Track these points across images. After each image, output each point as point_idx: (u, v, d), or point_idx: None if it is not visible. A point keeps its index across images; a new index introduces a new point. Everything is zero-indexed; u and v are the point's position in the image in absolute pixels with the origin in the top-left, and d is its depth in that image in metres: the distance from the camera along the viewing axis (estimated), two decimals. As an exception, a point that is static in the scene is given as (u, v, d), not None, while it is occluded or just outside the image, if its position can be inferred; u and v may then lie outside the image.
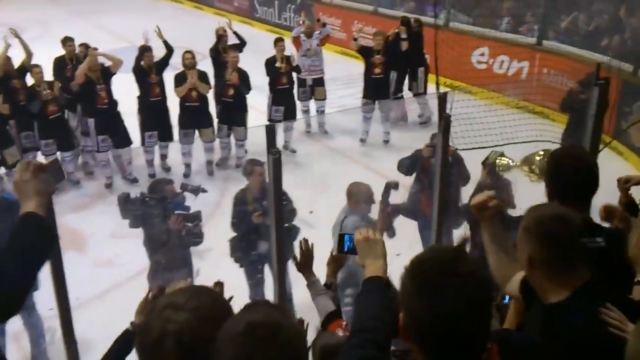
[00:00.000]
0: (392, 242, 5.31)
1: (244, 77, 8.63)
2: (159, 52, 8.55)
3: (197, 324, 1.50)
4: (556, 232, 1.95)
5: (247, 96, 8.77)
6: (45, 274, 3.23)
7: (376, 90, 9.55)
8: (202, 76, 8.49)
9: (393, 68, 9.84)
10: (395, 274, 1.65)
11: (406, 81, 10.26)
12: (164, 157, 8.84)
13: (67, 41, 8.84)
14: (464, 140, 4.95)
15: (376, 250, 2.04)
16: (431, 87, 10.00)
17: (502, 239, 2.35)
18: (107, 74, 8.16)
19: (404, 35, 9.80)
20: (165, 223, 5.36)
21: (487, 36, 11.83)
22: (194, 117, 8.49)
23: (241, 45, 9.38)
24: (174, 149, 8.68)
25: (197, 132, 8.62)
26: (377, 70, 9.50)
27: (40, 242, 1.93)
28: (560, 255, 1.94)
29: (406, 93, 10.34)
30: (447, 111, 4.16)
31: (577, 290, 1.93)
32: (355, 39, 9.73)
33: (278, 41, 9.19)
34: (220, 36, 9.30)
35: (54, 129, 8.09)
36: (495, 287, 2.45)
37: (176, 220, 5.33)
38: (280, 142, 9.07)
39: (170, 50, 8.54)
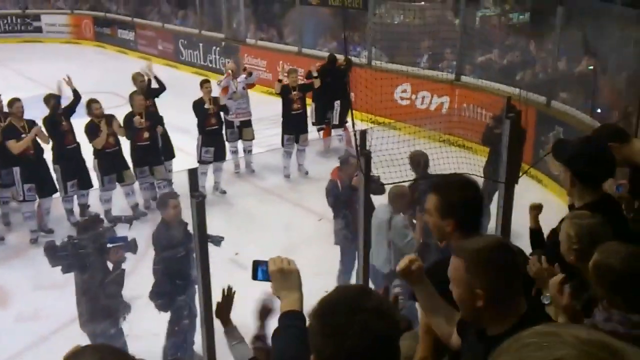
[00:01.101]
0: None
1: (157, 120, 8.65)
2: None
3: None
4: (503, 261, 1.92)
5: (172, 139, 8.71)
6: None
7: (296, 125, 9.85)
8: (115, 121, 8.34)
9: (315, 100, 10.42)
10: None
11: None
12: (85, 206, 8.48)
13: None
14: (384, 175, 5.06)
15: (291, 281, 2.00)
16: (360, 125, 10.22)
17: (435, 297, 2.32)
18: (32, 123, 7.93)
19: (314, 74, 10.21)
20: (102, 260, 5.16)
21: (409, 73, 12.14)
22: (114, 161, 8.38)
23: (160, 90, 9.29)
24: (92, 196, 8.44)
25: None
26: (296, 106, 9.83)
27: None
28: (507, 283, 1.92)
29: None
30: (368, 147, 4.29)
31: (519, 322, 1.89)
32: (280, 80, 9.81)
33: (204, 83, 9.20)
34: (147, 81, 9.24)
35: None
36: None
37: (116, 253, 5.17)
38: (210, 183, 9.06)
39: (78, 97, 8.38)
